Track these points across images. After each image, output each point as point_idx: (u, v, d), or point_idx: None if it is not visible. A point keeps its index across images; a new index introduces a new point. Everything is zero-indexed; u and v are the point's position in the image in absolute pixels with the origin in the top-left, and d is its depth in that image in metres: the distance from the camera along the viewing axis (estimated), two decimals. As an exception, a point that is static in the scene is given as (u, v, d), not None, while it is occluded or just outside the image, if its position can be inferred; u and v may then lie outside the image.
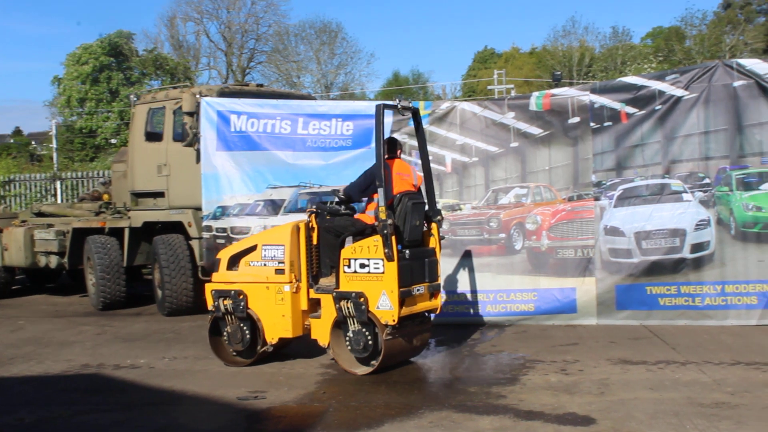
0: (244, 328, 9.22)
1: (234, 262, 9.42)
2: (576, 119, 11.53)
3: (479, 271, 11.60)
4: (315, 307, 9.10)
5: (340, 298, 8.62)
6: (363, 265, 8.53)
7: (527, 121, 11.75)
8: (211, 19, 60.31)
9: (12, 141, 58.21)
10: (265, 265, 9.18)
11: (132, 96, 15.55)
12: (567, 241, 11.46)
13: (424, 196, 9.32)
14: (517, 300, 11.47)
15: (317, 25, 63.12)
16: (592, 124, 11.46)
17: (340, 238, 8.85)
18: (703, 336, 10.20)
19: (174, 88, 15.03)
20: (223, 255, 9.59)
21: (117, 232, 14.56)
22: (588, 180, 11.53)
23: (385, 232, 8.37)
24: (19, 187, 26.67)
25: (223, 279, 9.41)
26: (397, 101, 9.39)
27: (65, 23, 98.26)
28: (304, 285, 9.07)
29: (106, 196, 16.73)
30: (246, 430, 7.12)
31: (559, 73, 47.92)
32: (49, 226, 16.09)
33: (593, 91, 11.64)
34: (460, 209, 11.93)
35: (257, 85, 15.52)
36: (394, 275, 8.40)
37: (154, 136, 13.99)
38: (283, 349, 9.69)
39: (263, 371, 9.09)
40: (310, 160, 12.14)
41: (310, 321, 9.09)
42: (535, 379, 8.35)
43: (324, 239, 9.10)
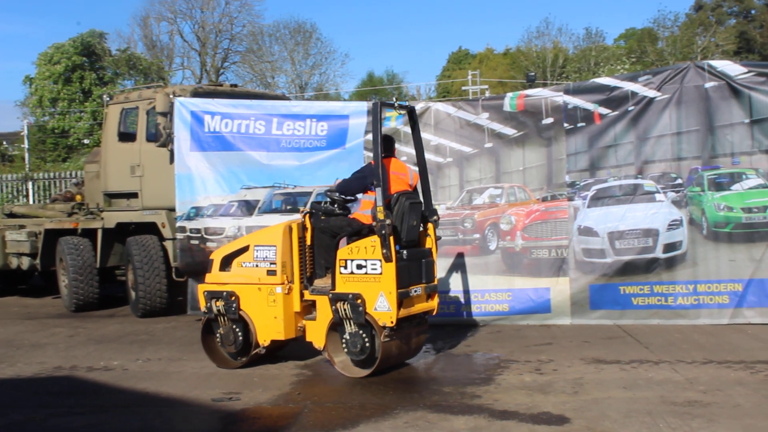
0: (237, 329, 9.12)
1: (227, 263, 9.31)
2: (550, 120, 11.59)
3: (454, 272, 11.63)
4: (309, 309, 9.01)
5: (336, 299, 8.50)
6: (360, 266, 8.43)
7: (501, 122, 11.79)
8: (184, 18, 59.94)
9: (-17, 141, 57.60)
10: (257, 266, 9.07)
11: (105, 96, 15.50)
12: (541, 242, 11.51)
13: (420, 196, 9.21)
14: (491, 300, 11.50)
15: (292, 26, 62.95)
16: (565, 125, 11.52)
17: (336, 238, 8.74)
18: (675, 335, 10.28)
19: (147, 88, 14.96)
20: (215, 256, 9.49)
21: (90, 233, 14.45)
22: (562, 180, 11.59)
23: (383, 232, 8.26)
24: (-9, 188, 26.44)
25: (215, 280, 9.31)
26: (394, 100, 9.34)
27: (36, 22, 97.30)
28: (297, 286, 8.96)
29: (78, 197, 16.60)
30: (220, 431, 7.09)
31: (533, 74, 48.07)
32: (21, 227, 15.95)
33: (567, 92, 11.70)
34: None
35: (231, 85, 15.47)
36: (392, 276, 8.30)
37: (127, 137, 13.89)
38: (279, 352, 9.62)
39: (238, 372, 9.05)
40: (284, 161, 12.11)
41: (304, 323, 8.99)
42: (510, 378, 8.37)
43: (319, 240, 9.00)
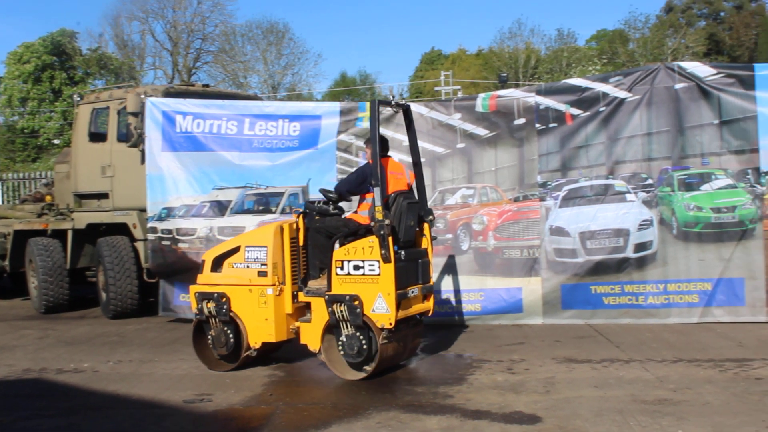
0: (228, 331, 9.00)
1: (218, 264, 9.19)
2: (522, 120, 11.63)
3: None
4: (302, 310, 8.91)
5: (332, 301, 8.37)
6: (357, 267, 8.31)
7: (473, 122, 11.82)
8: (156, 18, 59.60)
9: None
10: (248, 267, 8.96)
11: (75, 96, 15.36)
12: (513, 242, 11.55)
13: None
14: (463, 300, 11.52)
15: (264, 26, 62.81)
16: (537, 126, 11.57)
17: (332, 239, 8.59)
18: (646, 334, 10.36)
19: (118, 87, 14.88)
20: (207, 256, 9.38)
21: (60, 234, 14.32)
22: (534, 181, 11.64)
23: (381, 232, 8.14)
24: (-41, 188, 26.16)
25: (206, 281, 9.20)
26: (391, 98, 9.27)
27: (5, 20, 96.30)
28: (289, 288, 8.86)
29: (48, 198, 16.46)
30: (192, 433, 7.07)
31: (505, 74, 48.29)
32: (-10, 228, 15.78)
33: (539, 92, 11.75)
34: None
35: (203, 85, 15.40)
36: (390, 277, 8.19)
37: (98, 137, 13.79)
38: (273, 354, 9.55)
39: (209, 374, 9.01)
40: (256, 161, 12.07)
41: (299, 325, 8.86)
42: (482, 378, 8.40)
43: (314, 240, 8.89)
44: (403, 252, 8.53)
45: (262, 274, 8.84)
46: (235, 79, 59.75)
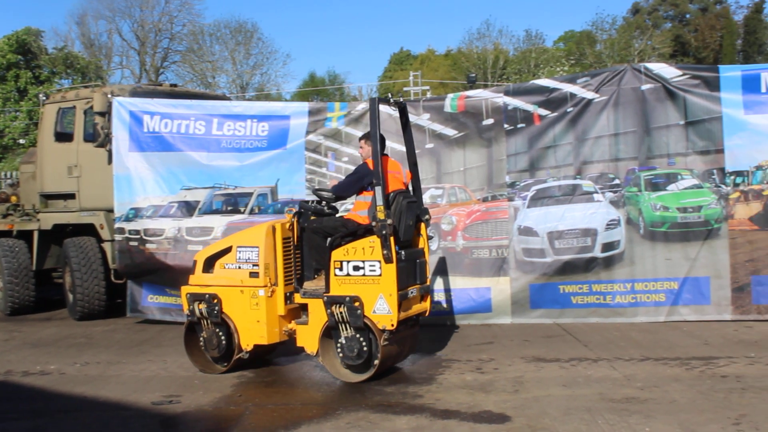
0: (220, 333, 8.85)
1: (210, 265, 9.05)
2: (490, 121, 11.67)
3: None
4: (296, 312, 8.79)
5: (331, 302, 8.22)
6: (357, 268, 8.19)
7: (442, 123, 11.84)
8: (123, 17, 59.30)
9: None
10: (239, 267, 8.82)
11: (41, 95, 15.17)
12: (482, 242, 11.58)
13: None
14: (432, 300, 11.52)
15: (232, 25, 62.70)
16: (505, 126, 11.62)
17: (330, 239, 8.40)
18: (613, 333, 10.44)
19: (85, 87, 14.69)
20: (199, 257, 9.22)
21: (26, 235, 14.18)
22: (502, 181, 11.68)
23: (383, 232, 8.04)
24: None
25: (198, 282, 9.04)
26: (389, 96, 9.22)
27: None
28: (281, 289, 8.72)
29: (14, 198, 16.24)
30: (160, 435, 7.02)
31: (473, 75, 48.45)
32: (-46, 229, 15.56)
33: (507, 93, 11.80)
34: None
35: (171, 85, 15.31)
36: (392, 278, 8.09)
37: (64, 137, 13.66)
38: (268, 356, 9.49)
39: (178, 375, 8.96)
40: (224, 161, 12.02)
41: (296, 327, 8.71)
42: (451, 378, 8.42)
43: (311, 241, 8.74)
44: (403, 252, 8.42)
45: (254, 275, 8.71)
46: (204, 78, 59.55)
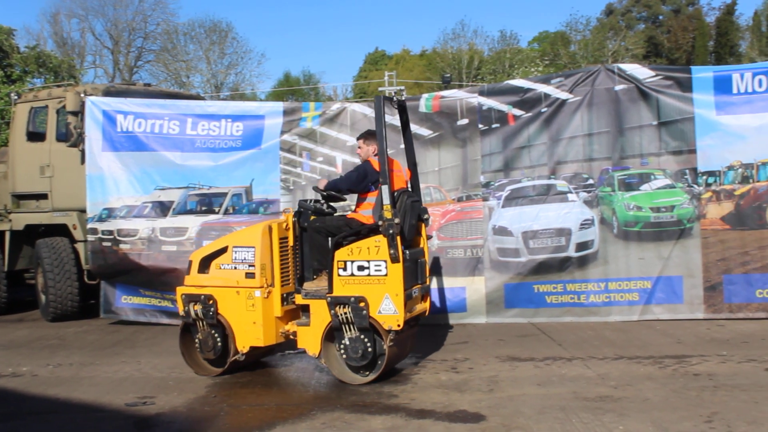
0: (216, 335, 8.71)
1: (205, 265, 8.89)
2: (465, 121, 11.70)
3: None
4: (293, 313, 8.70)
5: (335, 303, 8.13)
6: (362, 268, 8.11)
7: (417, 123, 11.81)
8: (96, 16, 58.99)
9: None
10: (235, 268, 8.66)
11: (13, 94, 15.05)
12: (456, 241, 11.61)
13: None
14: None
15: (207, 25, 62.48)
16: (480, 126, 11.65)
17: (333, 239, 8.31)
18: (587, 332, 10.50)
19: (57, 86, 14.60)
20: (194, 257, 9.05)
21: (-3, 236, 14.06)
22: (477, 181, 11.70)
23: (391, 231, 7.97)
24: None
25: (193, 282, 8.88)
26: (392, 94, 9.17)
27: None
28: (278, 290, 8.61)
29: (-15, 198, 16.11)
30: (134, 436, 6.98)
31: (448, 75, 48.50)
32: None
33: (481, 93, 11.83)
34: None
35: (145, 84, 15.25)
36: (399, 277, 8.03)
37: (36, 136, 13.56)
38: (264, 358, 9.43)
39: (152, 376, 8.91)
40: (199, 161, 11.96)
41: (296, 329, 8.58)
42: (426, 377, 8.43)
43: (313, 240, 8.63)
44: (408, 251, 8.36)
45: (250, 275, 8.57)
46: (178, 78, 59.29)
